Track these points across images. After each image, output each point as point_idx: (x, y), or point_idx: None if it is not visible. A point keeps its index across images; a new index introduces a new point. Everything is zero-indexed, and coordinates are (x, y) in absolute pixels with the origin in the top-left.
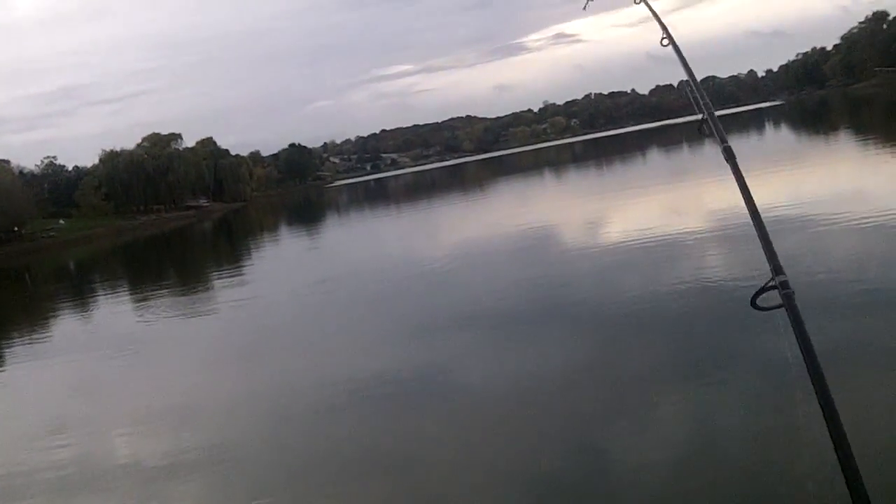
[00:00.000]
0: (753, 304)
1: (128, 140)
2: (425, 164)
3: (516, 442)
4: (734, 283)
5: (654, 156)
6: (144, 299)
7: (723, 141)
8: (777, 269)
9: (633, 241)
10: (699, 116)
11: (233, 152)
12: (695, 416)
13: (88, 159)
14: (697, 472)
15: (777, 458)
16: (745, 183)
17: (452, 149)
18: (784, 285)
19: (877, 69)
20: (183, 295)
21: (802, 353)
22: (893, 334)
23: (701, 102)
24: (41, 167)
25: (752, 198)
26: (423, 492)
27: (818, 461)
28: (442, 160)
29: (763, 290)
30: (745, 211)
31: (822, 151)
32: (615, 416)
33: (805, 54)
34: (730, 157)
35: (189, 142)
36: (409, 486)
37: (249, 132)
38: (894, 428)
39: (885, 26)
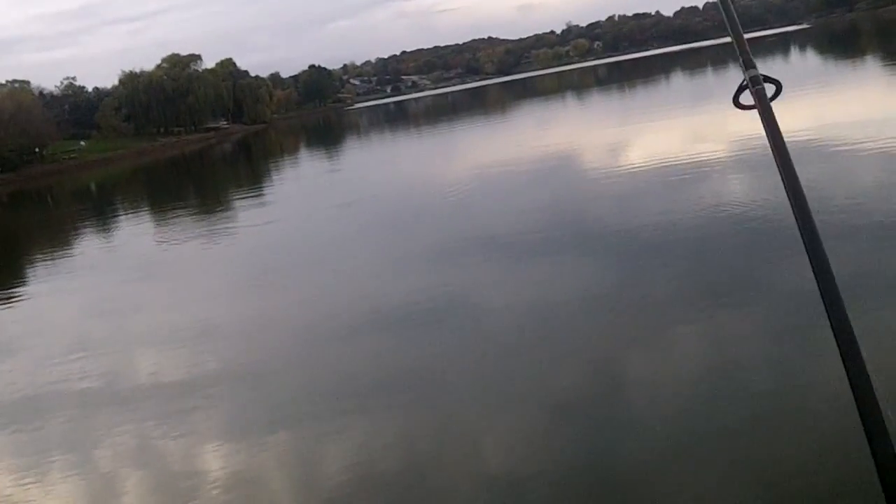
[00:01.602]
0: (736, 103)
1: (147, 61)
2: (446, 86)
3: (534, 365)
4: (754, 211)
5: (678, 80)
6: (165, 221)
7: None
8: (747, 64)
9: (653, 166)
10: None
11: (252, 73)
12: (712, 341)
13: (108, 80)
14: (712, 399)
15: (793, 390)
16: None
17: (474, 71)
18: (755, 81)
19: None
20: (203, 217)
21: (775, 155)
22: None
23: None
24: (61, 88)
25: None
26: (441, 413)
27: (835, 390)
28: (463, 82)
29: (742, 88)
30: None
31: (846, 78)
32: (632, 340)
33: None
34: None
35: (209, 63)
36: (428, 408)
37: (269, 52)
38: None
39: None
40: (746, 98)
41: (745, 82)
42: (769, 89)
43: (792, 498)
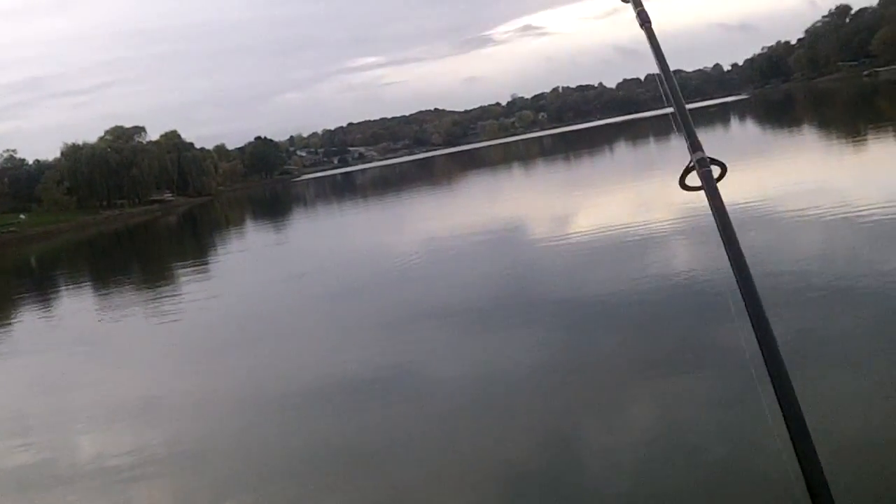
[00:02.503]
0: (682, 184)
1: (90, 133)
2: (393, 157)
3: (486, 435)
4: (697, 278)
5: (622, 150)
6: (108, 296)
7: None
8: (694, 146)
9: (600, 235)
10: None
11: (198, 146)
12: (661, 408)
13: (50, 153)
14: (660, 464)
15: (739, 450)
16: (662, 54)
17: (421, 142)
18: (702, 163)
19: (840, 63)
20: (148, 291)
21: (721, 233)
22: (857, 327)
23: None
24: (1, 161)
25: (671, 75)
26: (393, 487)
27: (778, 455)
28: (411, 153)
29: (688, 170)
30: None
31: (785, 145)
32: (582, 409)
33: (770, 47)
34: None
35: (153, 135)
36: (379, 481)
37: (215, 125)
38: (856, 422)
39: (847, 20)
40: (693, 179)
41: (691, 164)
42: (714, 171)
43: None
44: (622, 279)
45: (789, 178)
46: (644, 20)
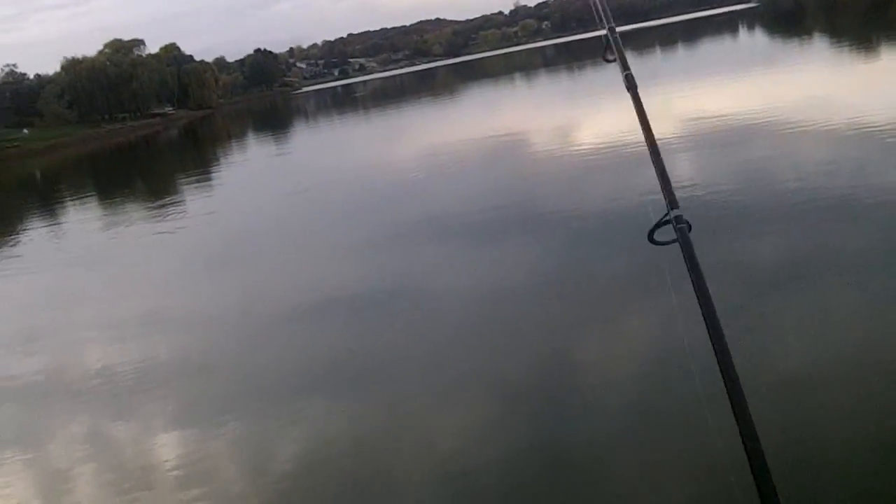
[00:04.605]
0: (650, 238)
1: (89, 47)
2: (394, 68)
3: (483, 350)
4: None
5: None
6: (112, 210)
7: (625, 68)
8: (672, 203)
9: (601, 147)
10: (603, 32)
11: (197, 58)
12: (659, 322)
13: (50, 67)
14: (662, 378)
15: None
16: (645, 115)
17: (421, 53)
18: (678, 220)
19: None
20: (151, 205)
21: (695, 288)
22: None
23: (603, 16)
24: (1, 76)
25: (651, 130)
26: (392, 400)
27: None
28: (411, 64)
29: (659, 224)
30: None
31: (788, 58)
32: (578, 321)
33: None
34: (631, 85)
35: (152, 48)
36: (378, 394)
37: (213, 36)
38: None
39: None
40: (662, 235)
41: (666, 217)
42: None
43: None
44: (623, 195)
45: (792, 90)
46: (631, 84)
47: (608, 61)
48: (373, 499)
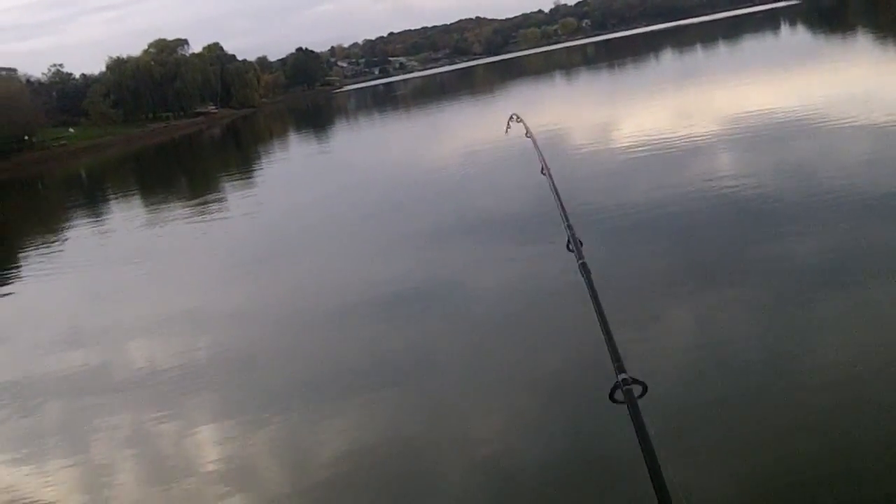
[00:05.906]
0: (611, 398)
1: (133, 47)
2: (434, 67)
3: (523, 347)
4: (744, 188)
5: (668, 58)
6: (157, 208)
7: (579, 257)
8: (620, 369)
9: (641, 144)
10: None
11: (239, 57)
12: (701, 317)
13: (95, 67)
14: (708, 372)
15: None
16: (596, 295)
17: (461, 51)
18: (624, 382)
19: None
20: (194, 204)
21: (642, 449)
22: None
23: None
24: (48, 75)
25: (601, 307)
26: (433, 397)
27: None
28: (451, 63)
29: (616, 387)
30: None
31: (830, 55)
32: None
33: None
34: (585, 272)
35: (195, 47)
36: (420, 391)
37: (255, 36)
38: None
39: None
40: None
41: (619, 380)
42: (637, 389)
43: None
44: (667, 188)
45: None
46: (586, 272)
47: (569, 250)
48: (414, 496)
